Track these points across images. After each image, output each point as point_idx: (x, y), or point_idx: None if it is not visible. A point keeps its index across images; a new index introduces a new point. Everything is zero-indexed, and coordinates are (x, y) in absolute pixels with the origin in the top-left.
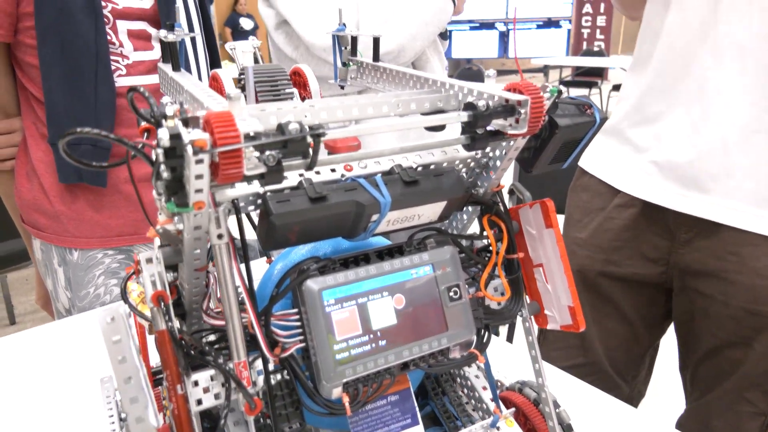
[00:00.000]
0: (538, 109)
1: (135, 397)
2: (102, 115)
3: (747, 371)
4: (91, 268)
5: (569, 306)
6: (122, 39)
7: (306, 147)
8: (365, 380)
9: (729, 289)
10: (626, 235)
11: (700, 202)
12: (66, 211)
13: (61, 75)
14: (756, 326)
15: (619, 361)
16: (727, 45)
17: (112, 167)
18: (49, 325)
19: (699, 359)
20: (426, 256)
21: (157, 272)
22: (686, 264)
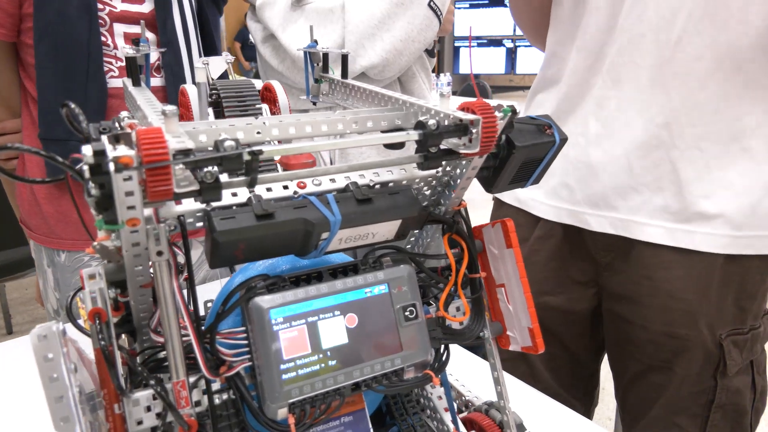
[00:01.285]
0: (491, 129)
1: (66, 416)
2: (92, 114)
3: (672, 396)
4: (78, 270)
5: (529, 327)
6: (117, 41)
7: (240, 164)
8: (313, 401)
9: (646, 312)
10: (553, 265)
11: (611, 220)
12: (53, 212)
13: (53, 73)
14: (674, 349)
15: (566, 382)
16: (623, 64)
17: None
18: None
19: (626, 385)
20: (381, 274)
21: (98, 288)
22: (610, 288)
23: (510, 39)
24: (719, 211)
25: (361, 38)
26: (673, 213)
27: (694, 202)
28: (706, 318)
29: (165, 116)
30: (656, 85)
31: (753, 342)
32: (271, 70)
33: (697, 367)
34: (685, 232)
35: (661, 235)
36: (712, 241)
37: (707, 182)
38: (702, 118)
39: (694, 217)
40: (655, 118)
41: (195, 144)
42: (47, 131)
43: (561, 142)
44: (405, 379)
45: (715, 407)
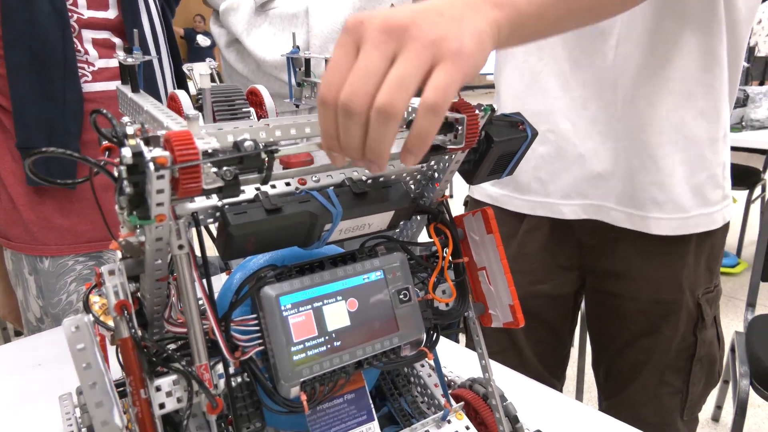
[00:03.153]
0: (474, 126)
1: (100, 401)
2: (70, 119)
3: (660, 356)
4: (63, 275)
5: (510, 305)
6: (87, 47)
7: (260, 162)
8: (321, 379)
9: (636, 285)
10: (543, 254)
11: (584, 207)
12: (34, 218)
13: (29, 82)
14: (662, 314)
15: (549, 363)
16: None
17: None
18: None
19: (612, 354)
20: (377, 262)
21: (120, 283)
22: (596, 268)
23: None
24: (667, 197)
25: (326, 42)
26: (630, 198)
27: (645, 189)
28: (687, 281)
29: (188, 120)
30: (608, 83)
31: (717, 297)
32: (236, 74)
33: (682, 327)
34: (640, 218)
35: (623, 219)
36: (665, 224)
37: (653, 171)
38: (638, 112)
39: (646, 203)
40: (613, 113)
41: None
42: (27, 139)
43: (532, 137)
44: (402, 356)
45: (696, 360)
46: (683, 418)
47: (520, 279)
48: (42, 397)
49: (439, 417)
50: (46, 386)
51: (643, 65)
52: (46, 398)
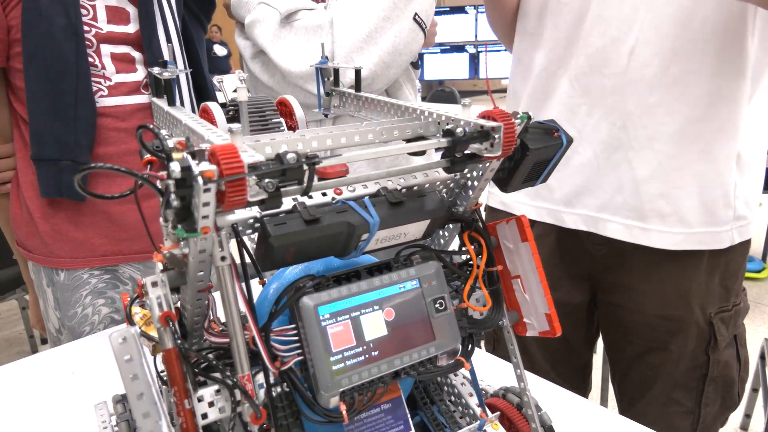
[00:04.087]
0: (510, 134)
1: (147, 412)
2: (82, 133)
3: (669, 373)
4: (78, 288)
5: (546, 313)
6: (105, 62)
7: (302, 174)
8: (360, 389)
9: (641, 298)
10: (553, 261)
11: (583, 218)
12: (48, 230)
13: (43, 95)
14: (669, 330)
15: (564, 373)
16: (589, 74)
17: (119, 198)
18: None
19: (624, 368)
20: (413, 271)
21: (163, 294)
22: (605, 278)
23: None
24: (673, 210)
25: (350, 52)
26: (631, 210)
27: (650, 200)
28: (697, 299)
29: (231, 133)
30: (616, 92)
31: (736, 317)
32: (261, 86)
33: (691, 345)
34: (641, 230)
35: (621, 231)
36: (667, 238)
37: (661, 181)
38: (653, 120)
39: (649, 214)
40: (616, 121)
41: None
42: (40, 152)
43: (567, 144)
44: (439, 366)
45: (709, 380)
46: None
47: None
48: (76, 406)
49: (475, 427)
50: (80, 394)
51: (662, 74)
52: (81, 406)
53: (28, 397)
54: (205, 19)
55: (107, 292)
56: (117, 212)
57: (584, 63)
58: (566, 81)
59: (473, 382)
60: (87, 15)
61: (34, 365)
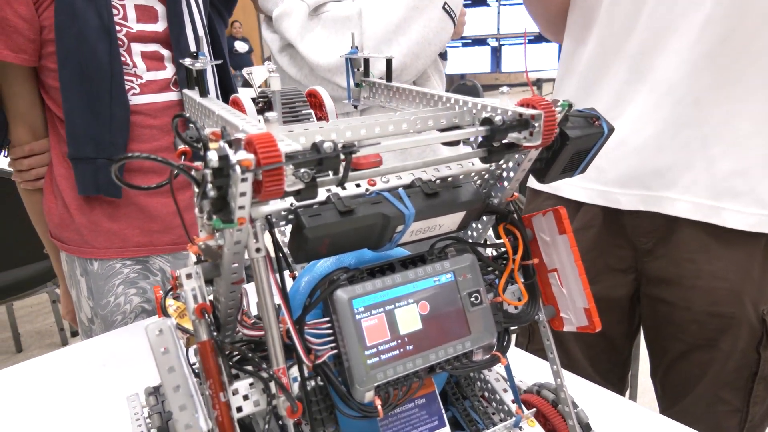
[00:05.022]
0: (551, 123)
1: (183, 404)
2: (117, 132)
3: (717, 372)
4: (111, 277)
5: (585, 308)
6: (136, 60)
7: (338, 164)
8: (395, 383)
9: (689, 294)
10: (592, 255)
11: (642, 197)
12: (85, 222)
13: (79, 96)
14: (719, 327)
15: (603, 368)
16: (651, 50)
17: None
18: (57, 353)
19: (668, 365)
20: (447, 264)
21: (198, 286)
22: (649, 273)
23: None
24: (749, 189)
25: (379, 44)
26: (703, 189)
27: (724, 179)
28: (749, 295)
29: (267, 122)
30: (686, 66)
31: None
32: (288, 79)
33: (742, 343)
34: (712, 208)
35: (690, 210)
36: (741, 219)
37: (738, 159)
38: (731, 96)
39: (723, 193)
40: (684, 97)
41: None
42: (77, 151)
43: (609, 133)
44: (475, 361)
45: (759, 379)
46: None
47: None
48: (108, 397)
49: (511, 424)
50: (112, 386)
51: (742, 47)
52: (112, 398)
53: (59, 389)
54: (227, 13)
55: (139, 282)
56: (149, 205)
57: (648, 38)
58: (625, 61)
59: (509, 378)
60: (117, 14)
61: (65, 357)
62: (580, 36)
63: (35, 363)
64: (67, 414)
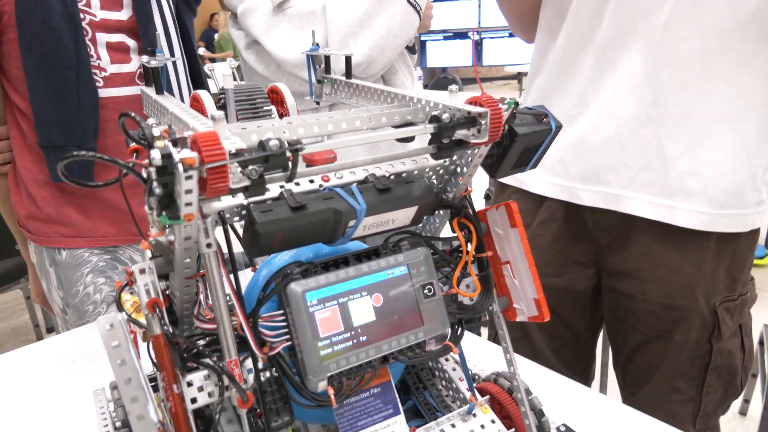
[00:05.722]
0: (497, 120)
1: (135, 396)
2: (85, 120)
3: (672, 362)
4: (79, 266)
5: (535, 298)
6: (100, 51)
7: (286, 161)
8: (348, 373)
9: (645, 287)
10: (555, 248)
11: (602, 195)
12: (53, 213)
13: (45, 84)
14: (673, 319)
15: (567, 359)
16: (616, 48)
17: (105, 186)
18: (26, 348)
19: (628, 356)
20: (401, 257)
21: (151, 281)
22: (609, 266)
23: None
24: (702, 189)
25: (344, 38)
26: (658, 188)
27: (678, 179)
28: (702, 288)
29: (213, 120)
30: (647, 66)
31: (742, 307)
32: (256, 76)
33: (694, 334)
34: (666, 208)
35: (645, 209)
36: (693, 217)
37: (692, 159)
38: (687, 97)
39: (677, 192)
40: (645, 97)
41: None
42: (47, 139)
43: (557, 130)
44: (428, 351)
45: (711, 369)
46: (695, 426)
47: None
48: (76, 393)
49: (465, 411)
50: (80, 382)
51: (700, 49)
52: (80, 393)
53: (30, 384)
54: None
55: (107, 271)
56: (114, 198)
57: (611, 37)
58: (590, 57)
59: (463, 367)
60: (80, 1)
61: (36, 353)
62: (550, 30)
63: (6, 358)
64: (36, 409)
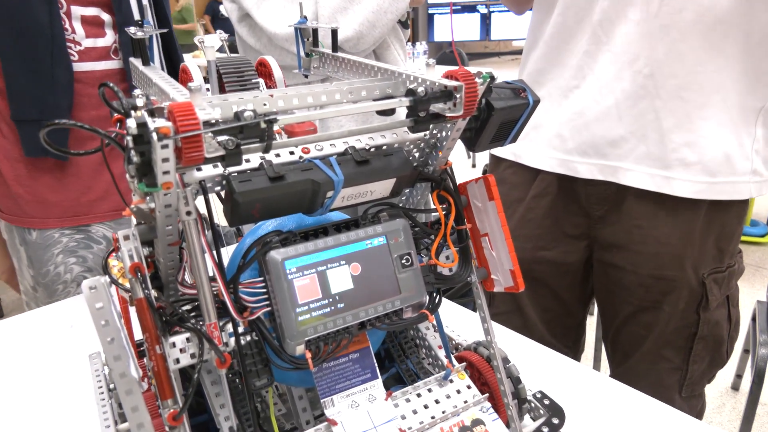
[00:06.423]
0: (472, 94)
1: (118, 355)
2: (60, 94)
3: (660, 331)
4: (50, 247)
5: (510, 269)
6: (75, 25)
7: (261, 131)
8: (326, 339)
9: (636, 258)
10: (548, 221)
11: (599, 167)
12: (22, 193)
13: (18, 58)
14: (662, 290)
15: (558, 332)
16: (613, 19)
17: (87, 154)
18: (31, 314)
19: (617, 327)
20: (380, 228)
21: (134, 247)
22: (601, 239)
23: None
24: (697, 159)
25: (334, 12)
26: (655, 160)
27: (675, 150)
28: (690, 260)
29: (191, 91)
30: (644, 37)
31: (729, 278)
32: (249, 49)
33: (682, 304)
34: (664, 179)
35: (644, 180)
36: (690, 187)
37: (688, 131)
38: (683, 69)
39: (674, 163)
40: (642, 69)
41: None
42: (20, 112)
43: (534, 104)
44: (404, 318)
45: (698, 339)
46: (681, 394)
47: (525, 244)
48: (74, 357)
49: (442, 376)
50: (78, 346)
51: (697, 20)
52: (79, 357)
53: (31, 349)
54: None
55: (78, 251)
56: (87, 173)
57: (609, 8)
58: (587, 30)
59: (441, 334)
60: None
61: (36, 319)
62: (546, 2)
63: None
64: (36, 373)
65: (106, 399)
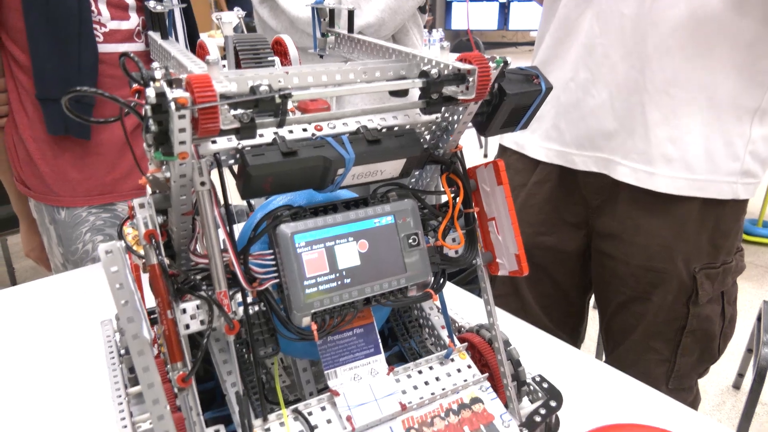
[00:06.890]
0: (485, 78)
1: (131, 317)
2: (85, 75)
3: (649, 322)
4: (78, 225)
5: (516, 254)
6: (101, 7)
7: (275, 106)
8: (331, 312)
9: (629, 249)
10: (548, 208)
11: (595, 159)
12: (49, 171)
13: (46, 39)
14: (652, 281)
15: (556, 318)
16: (609, 13)
17: (106, 123)
18: (46, 280)
19: (610, 315)
20: (388, 207)
21: (149, 215)
22: (598, 228)
23: None
24: (680, 155)
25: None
26: (639, 154)
27: (658, 145)
28: (681, 254)
29: (208, 64)
30: (637, 32)
31: (724, 275)
32: (269, 30)
33: (671, 297)
34: (646, 174)
35: (628, 174)
36: (670, 183)
37: (673, 127)
38: (672, 64)
39: (657, 159)
40: (634, 63)
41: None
42: (45, 91)
43: (547, 91)
44: (408, 296)
45: (687, 332)
46: (668, 386)
47: (525, 229)
48: (87, 323)
49: (443, 355)
50: (92, 313)
51: (688, 16)
52: (92, 324)
53: (47, 314)
54: None
55: (106, 229)
56: (111, 153)
57: (605, 1)
58: (586, 23)
59: (444, 314)
60: None
61: (53, 286)
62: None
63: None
64: (53, 337)
65: (117, 364)
